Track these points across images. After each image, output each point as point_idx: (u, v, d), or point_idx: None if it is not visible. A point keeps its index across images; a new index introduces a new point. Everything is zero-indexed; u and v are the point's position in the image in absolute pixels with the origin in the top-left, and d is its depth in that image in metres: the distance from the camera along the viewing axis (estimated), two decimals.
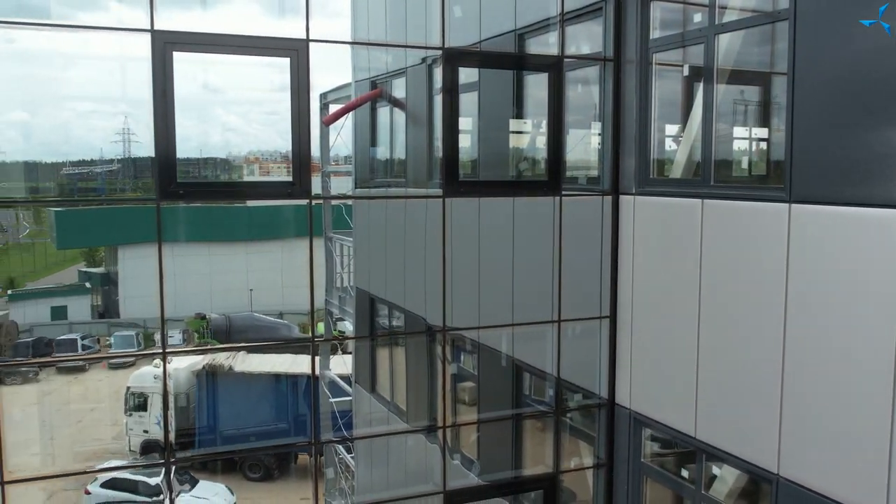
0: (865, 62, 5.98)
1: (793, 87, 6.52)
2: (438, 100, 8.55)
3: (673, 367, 7.95)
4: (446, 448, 8.74)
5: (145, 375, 21.06)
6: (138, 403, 20.92)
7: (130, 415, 21.15)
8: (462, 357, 10.62)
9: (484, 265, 9.64)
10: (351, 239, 14.43)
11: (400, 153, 12.23)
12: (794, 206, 6.54)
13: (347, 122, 14.00)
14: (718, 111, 7.53)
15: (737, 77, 7.72)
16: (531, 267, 9.14)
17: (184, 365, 21.21)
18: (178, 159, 7.01)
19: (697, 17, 7.81)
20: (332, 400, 15.31)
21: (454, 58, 8.25)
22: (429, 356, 10.19)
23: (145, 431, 20.73)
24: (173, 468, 8.38)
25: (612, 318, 8.81)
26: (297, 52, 7.22)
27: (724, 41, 7.46)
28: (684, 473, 8.17)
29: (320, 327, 15.62)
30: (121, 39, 7.28)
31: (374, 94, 13.15)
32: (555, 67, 8.59)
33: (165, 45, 6.70)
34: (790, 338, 6.61)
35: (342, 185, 15.49)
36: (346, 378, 15.49)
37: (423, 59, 10.09)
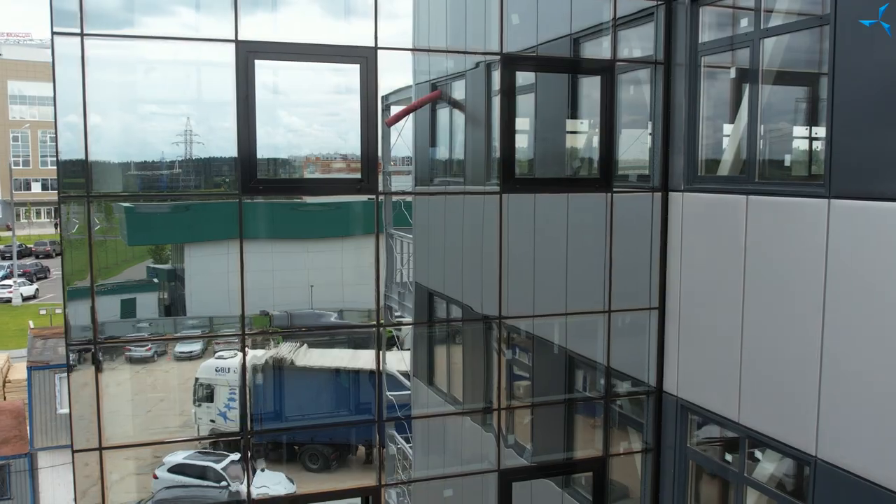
0: None
1: (833, 87, 6.88)
2: (496, 101, 9.08)
3: (718, 355, 8.34)
4: (500, 430, 9.27)
5: (209, 367, 22.06)
6: (206, 394, 21.93)
7: (199, 405, 22.17)
8: (517, 352, 11.11)
9: (538, 259, 10.12)
10: (411, 236, 15.02)
11: (458, 153, 12.75)
12: (833, 201, 6.90)
13: (408, 123, 14.60)
14: (763, 111, 7.91)
15: (781, 78, 8.07)
16: (583, 260, 9.61)
17: (238, 360, 22.13)
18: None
19: (744, 22, 8.19)
20: (391, 394, 15.93)
21: (511, 62, 8.78)
22: (485, 346, 10.71)
23: (212, 421, 21.72)
24: (246, 449, 9.07)
25: (661, 309, 9.23)
26: (366, 59, 7.84)
27: (770, 44, 7.83)
28: (728, 458, 8.55)
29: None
30: (196, 47, 7.94)
31: (434, 95, 13.71)
32: (607, 71, 9.05)
33: (248, 55, 7.37)
34: (829, 326, 6.97)
35: (403, 183, 16.09)
36: (404, 374, 16.07)
37: (477, 64, 10.62)
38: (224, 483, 19.92)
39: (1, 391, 33.14)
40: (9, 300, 54.56)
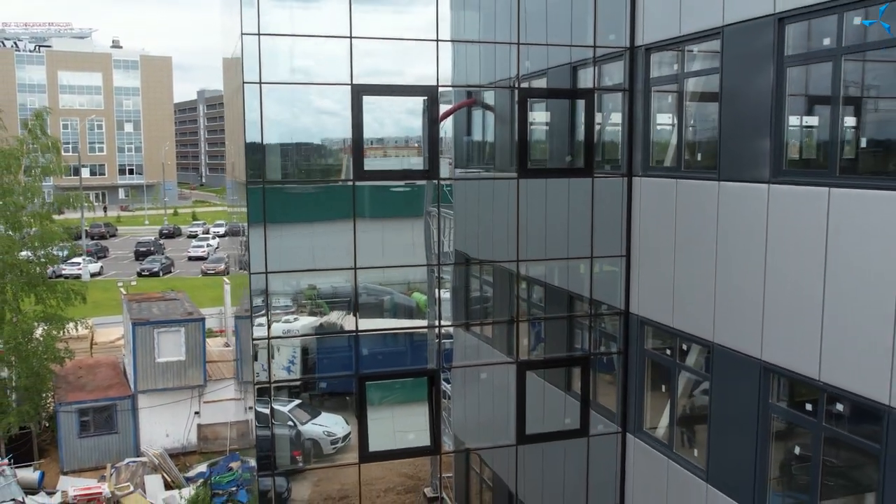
0: None
1: (721, 105, 11.17)
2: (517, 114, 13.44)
3: (662, 285, 12.71)
4: (517, 335, 13.76)
5: (275, 329, 26.58)
6: (273, 352, 26.49)
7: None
8: (530, 290, 15.45)
9: (546, 224, 14.50)
10: (451, 212, 19.34)
11: (489, 146, 17.08)
12: (724, 183, 11.22)
13: (448, 121, 18.98)
14: (687, 122, 12.21)
15: (701, 99, 12.35)
16: (576, 223, 13.98)
17: (302, 323, 26.67)
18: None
19: (675, 67, 12.46)
20: (437, 340, 20.31)
21: (526, 93, 13.19)
22: (508, 288, 15.07)
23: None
24: (305, 398, 13.31)
25: (627, 256, 13.61)
26: (430, 92, 12.29)
27: (692, 80, 12.12)
28: (667, 353, 12.95)
29: (419, 297, 19.86)
30: (324, 89, 12.26)
31: (470, 102, 18.07)
32: (590, 94, 13.43)
33: (359, 93, 11.86)
34: (721, 242, 11.30)
35: (443, 168, 20.46)
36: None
37: (497, 81, 14.95)
38: (290, 423, 24.71)
39: (90, 352, 38.31)
40: (79, 276, 60.05)
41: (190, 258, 78.45)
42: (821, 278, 9.47)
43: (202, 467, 29.51)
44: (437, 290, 14.04)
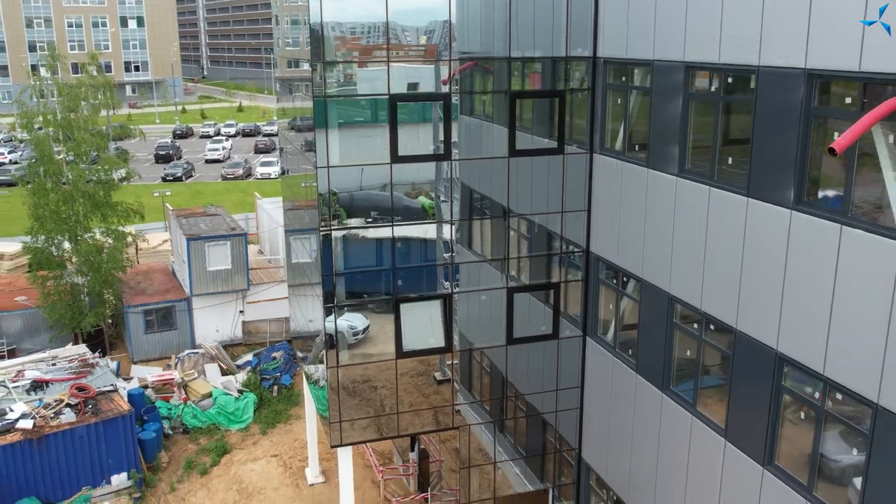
0: None
1: (651, 110, 15.97)
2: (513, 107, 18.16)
3: (610, 232, 17.80)
4: (508, 265, 19.00)
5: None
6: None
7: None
8: (520, 231, 20.51)
9: (534, 187, 19.43)
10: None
11: (487, 100, 21.74)
12: (651, 171, 16.14)
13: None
14: (629, 116, 17.03)
15: (643, 100, 17.08)
16: (553, 187, 18.92)
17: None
18: None
19: (627, 76, 17.13)
20: (446, 255, 25.47)
21: (516, 94, 17.90)
22: (504, 229, 20.13)
23: None
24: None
25: (588, 210, 18.65)
26: (444, 98, 17.01)
27: (637, 78, 16.85)
28: (614, 282, 18.18)
29: (425, 201, 24.32)
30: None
31: (472, 63, 22.67)
32: (562, 94, 18.14)
33: (394, 101, 16.59)
34: (650, 206, 16.37)
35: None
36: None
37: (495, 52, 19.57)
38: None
39: (136, 256, 43.60)
40: None
41: (207, 161, 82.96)
42: (704, 226, 14.56)
43: (248, 356, 35.45)
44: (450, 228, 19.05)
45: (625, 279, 17.72)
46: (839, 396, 11.89)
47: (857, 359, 11.31)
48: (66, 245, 34.92)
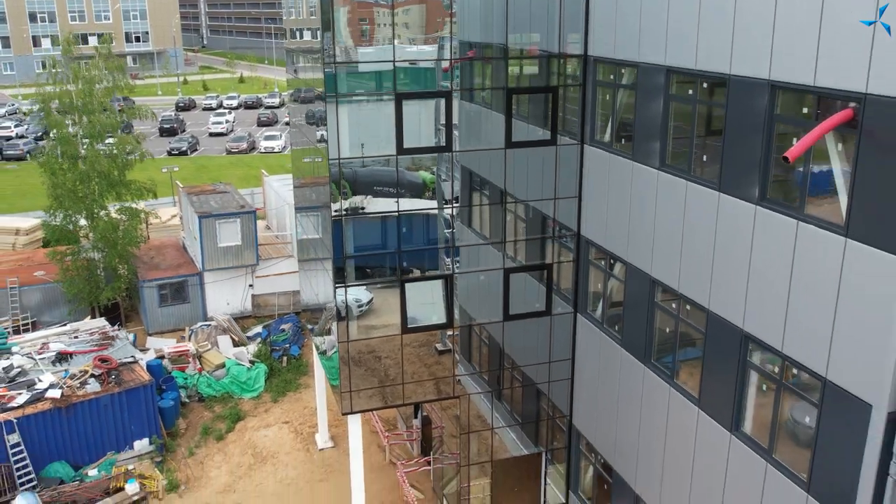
0: None
1: (636, 109, 17.40)
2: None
3: (600, 216, 19.29)
4: (505, 247, 20.53)
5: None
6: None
7: None
8: (517, 213, 21.99)
9: (530, 173, 20.87)
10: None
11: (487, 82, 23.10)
12: (636, 165, 17.61)
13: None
14: (616, 112, 18.45)
15: (630, 97, 18.49)
16: (545, 172, 20.39)
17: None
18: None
19: (616, 74, 18.51)
20: (447, 231, 27.02)
21: (512, 91, 19.27)
22: (501, 211, 21.62)
23: None
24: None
25: (579, 195, 20.12)
26: (446, 94, 18.43)
27: (626, 77, 18.26)
28: (602, 264, 19.71)
29: (425, 175, 25.72)
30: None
31: (472, 53, 24.00)
32: (555, 90, 19.52)
33: (400, 98, 17.99)
34: (634, 190, 17.87)
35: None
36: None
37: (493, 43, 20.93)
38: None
39: (146, 231, 45.04)
40: None
41: (211, 134, 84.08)
42: (681, 216, 16.06)
43: (258, 328, 37.15)
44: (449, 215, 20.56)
45: (612, 261, 19.25)
46: (794, 371, 13.50)
47: (810, 337, 12.89)
48: (83, 222, 36.44)
